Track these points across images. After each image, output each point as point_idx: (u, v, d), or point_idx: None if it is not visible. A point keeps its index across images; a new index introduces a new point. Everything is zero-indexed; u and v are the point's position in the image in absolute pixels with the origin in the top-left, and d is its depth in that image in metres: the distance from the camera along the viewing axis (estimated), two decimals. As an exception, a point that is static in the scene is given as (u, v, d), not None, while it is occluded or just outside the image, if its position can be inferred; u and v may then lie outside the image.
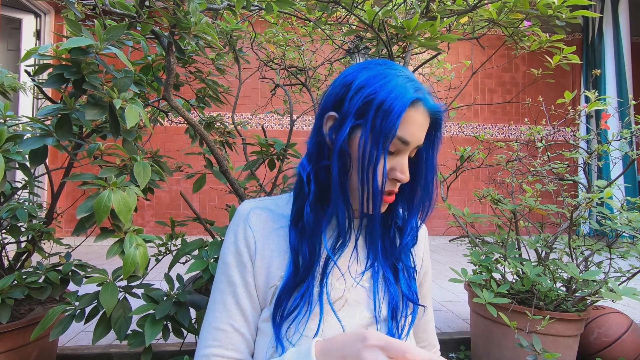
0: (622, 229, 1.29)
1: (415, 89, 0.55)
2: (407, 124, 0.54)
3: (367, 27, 1.10)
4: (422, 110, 0.55)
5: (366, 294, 0.61)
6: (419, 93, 0.55)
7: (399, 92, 0.54)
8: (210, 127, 1.53)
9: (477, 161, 1.74)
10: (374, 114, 0.53)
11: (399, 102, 0.53)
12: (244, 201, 0.68)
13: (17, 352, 1.14)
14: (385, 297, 0.61)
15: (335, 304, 0.59)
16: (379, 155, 0.54)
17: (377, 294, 0.60)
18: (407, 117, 0.54)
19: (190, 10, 0.87)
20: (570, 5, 0.98)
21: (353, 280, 0.61)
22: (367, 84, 0.55)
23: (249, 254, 0.61)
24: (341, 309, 0.59)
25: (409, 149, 0.56)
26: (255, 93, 4.30)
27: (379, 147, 0.53)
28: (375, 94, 0.54)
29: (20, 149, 0.87)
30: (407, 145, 0.55)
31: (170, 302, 1.02)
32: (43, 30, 3.91)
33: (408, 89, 0.54)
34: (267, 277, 0.59)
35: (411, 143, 0.55)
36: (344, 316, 0.58)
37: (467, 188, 4.71)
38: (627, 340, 1.47)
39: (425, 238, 0.73)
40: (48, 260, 1.37)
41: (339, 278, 0.60)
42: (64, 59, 0.80)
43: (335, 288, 0.60)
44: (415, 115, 0.55)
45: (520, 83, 4.90)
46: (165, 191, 3.83)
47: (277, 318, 0.56)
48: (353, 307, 0.59)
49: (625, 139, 1.47)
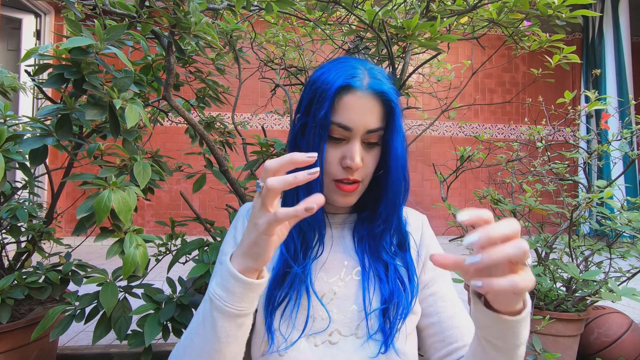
0: (622, 229, 1.29)
1: (349, 76, 0.56)
2: (343, 109, 0.56)
3: (367, 27, 1.10)
4: (359, 94, 0.56)
5: (357, 288, 0.61)
6: (352, 79, 0.55)
7: (330, 80, 0.56)
8: (210, 127, 1.53)
9: (477, 161, 1.74)
10: (314, 106, 0.57)
11: (329, 89, 0.55)
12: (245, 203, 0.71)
13: (17, 352, 1.14)
14: (377, 291, 0.61)
15: (324, 297, 0.60)
16: (321, 143, 0.56)
17: (366, 288, 0.60)
18: (342, 103, 0.56)
19: (190, 10, 0.87)
20: (570, 5, 0.98)
21: (343, 274, 0.62)
22: (314, 81, 0.59)
23: None
24: (330, 302, 0.60)
25: (354, 134, 0.56)
26: (255, 93, 4.30)
27: (318, 136, 0.56)
28: (316, 89, 0.57)
29: (20, 148, 0.87)
30: (349, 131, 0.56)
31: (174, 305, 1.02)
32: (43, 30, 3.91)
33: (340, 76, 0.56)
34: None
35: (354, 128, 0.56)
36: (332, 309, 0.60)
37: (467, 188, 4.71)
38: (627, 340, 1.47)
39: (422, 225, 0.70)
40: (48, 260, 1.37)
41: (328, 271, 0.62)
42: (64, 59, 0.80)
43: (323, 281, 0.61)
44: (351, 100, 0.56)
45: (520, 83, 4.90)
46: (165, 191, 3.83)
47: (269, 307, 0.58)
48: (342, 301, 0.60)
49: (625, 139, 1.47)
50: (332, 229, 0.66)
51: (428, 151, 4.74)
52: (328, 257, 0.63)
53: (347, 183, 0.58)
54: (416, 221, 0.70)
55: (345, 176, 0.57)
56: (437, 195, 4.68)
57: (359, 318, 0.59)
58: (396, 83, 1.25)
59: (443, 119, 4.42)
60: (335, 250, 0.64)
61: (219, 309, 0.47)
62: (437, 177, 1.75)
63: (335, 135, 0.57)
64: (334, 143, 0.58)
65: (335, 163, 0.58)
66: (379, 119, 0.57)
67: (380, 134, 0.58)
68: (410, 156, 3.57)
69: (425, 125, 4.45)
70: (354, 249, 0.64)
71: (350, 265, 0.63)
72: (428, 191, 4.74)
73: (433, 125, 4.73)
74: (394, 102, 0.57)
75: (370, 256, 0.62)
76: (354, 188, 0.59)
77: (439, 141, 4.78)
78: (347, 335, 0.58)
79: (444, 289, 0.65)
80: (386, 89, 0.57)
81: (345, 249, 0.64)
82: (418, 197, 4.64)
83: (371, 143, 0.59)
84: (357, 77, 0.56)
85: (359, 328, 0.59)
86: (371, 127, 0.56)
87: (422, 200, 4.64)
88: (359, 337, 0.58)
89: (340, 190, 0.58)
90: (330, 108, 0.55)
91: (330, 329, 0.58)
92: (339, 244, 0.65)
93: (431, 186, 4.74)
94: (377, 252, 0.62)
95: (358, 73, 0.56)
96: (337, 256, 0.63)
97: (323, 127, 0.56)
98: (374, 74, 0.58)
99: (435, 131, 4.79)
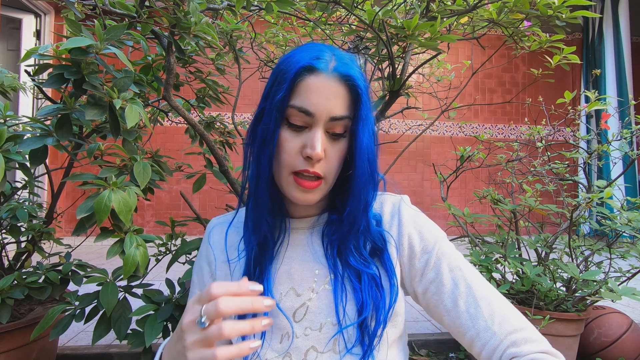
0: (622, 229, 1.29)
1: (312, 57, 0.51)
2: (304, 92, 0.50)
3: (367, 27, 1.10)
4: (323, 76, 0.50)
5: (330, 299, 0.55)
6: (316, 60, 0.50)
7: (293, 62, 0.51)
8: (210, 127, 1.53)
9: (477, 161, 1.74)
10: (273, 89, 0.52)
11: (289, 70, 0.51)
12: (212, 218, 0.68)
13: (17, 352, 1.14)
14: (351, 300, 0.54)
15: (296, 313, 0.55)
16: (275, 128, 0.51)
17: (339, 299, 0.54)
18: (303, 85, 0.50)
19: (190, 10, 0.87)
20: (570, 5, 0.98)
21: (315, 285, 0.56)
22: (277, 65, 0.54)
23: (210, 271, 0.63)
24: (303, 318, 0.55)
25: (317, 121, 0.51)
26: (255, 93, 4.30)
27: (274, 121, 0.51)
28: (278, 72, 0.53)
29: (20, 149, 0.87)
30: (311, 117, 0.50)
31: (172, 305, 1.02)
32: (43, 30, 3.91)
33: (304, 58, 0.51)
34: None
35: (316, 113, 0.50)
36: (306, 325, 0.55)
37: (467, 188, 4.71)
38: (627, 340, 1.47)
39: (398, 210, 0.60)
40: (48, 260, 1.37)
41: (298, 284, 0.57)
42: (64, 59, 0.80)
43: (295, 295, 0.56)
44: (314, 82, 0.50)
45: (520, 83, 4.90)
46: (165, 191, 3.83)
47: None
48: (315, 315, 0.55)
49: (625, 139, 1.47)
50: (298, 236, 0.60)
51: (428, 151, 4.73)
52: (297, 268, 0.57)
53: (307, 178, 0.52)
54: (393, 208, 0.60)
55: (305, 167, 0.51)
56: (437, 195, 4.68)
57: (335, 332, 0.54)
58: (396, 82, 1.25)
59: (443, 119, 4.42)
60: (305, 258, 0.58)
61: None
62: (437, 177, 1.75)
63: (295, 122, 0.51)
64: (294, 131, 0.52)
65: (294, 153, 0.52)
66: (345, 107, 0.51)
67: (346, 124, 0.52)
68: (410, 156, 3.59)
69: (425, 125, 4.45)
70: (324, 254, 0.58)
71: (321, 273, 0.57)
72: (428, 191, 4.74)
73: (433, 125, 4.73)
74: (361, 88, 0.52)
75: (342, 262, 0.56)
76: (315, 185, 0.52)
77: (439, 141, 4.78)
78: (324, 352, 0.53)
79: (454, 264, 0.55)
80: (353, 74, 0.51)
81: (315, 256, 0.58)
82: (418, 197, 4.64)
83: (336, 134, 0.52)
84: (322, 59, 0.51)
85: (336, 343, 0.53)
86: (335, 114, 0.51)
87: (422, 200, 4.64)
88: (337, 352, 0.53)
89: (299, 185, 0.52)
90: (288, 90, 0.50)
91: (306, 346, 0.54)
92: (307, 251, 0.59)
93: (431, 186, 4.73)
94: (347, 255, 0.55)
95: (324, 55, 0.52)
96: (306, 265, 0.57)
97: (279, 111, 0.50)
98: (341, 58, 0.52)
99: (435, 131, 4.79)
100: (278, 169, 0.54)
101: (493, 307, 0.50)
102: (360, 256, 0.56)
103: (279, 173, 0.54)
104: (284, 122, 0.53)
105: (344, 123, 0.52)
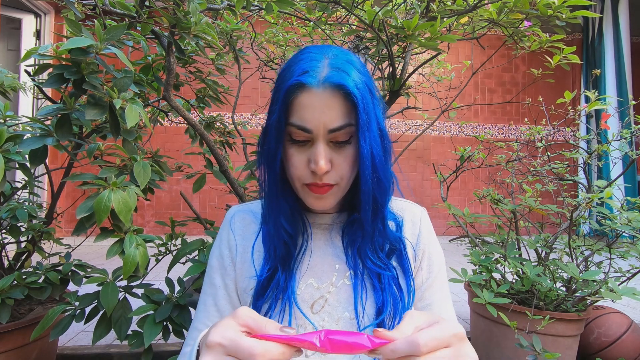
0: (622, 229, 1.29)
1: (301, 72, 0.50)
2: (298, 109, 0.50)
3: (367, 27, 1.10)
4: (313, 92, 0.49)
5: (349, 294, 0.57)
6: (304, 75, 0.49)
7: (284, 79, 0.51)
8: (210, 127, 1.53)
9: (477, 161, 1.74)
10: (271, 108, 0.53)
11: (281, 89, 0.51)
12: (233, 206, 0.69)
13: (17, 352, 1.14)
14: (370, 297, 0.56)
15: (315, 305, 0.57)
16: (277, 147, 0.52)
17: (358, 293, 0.56)
18: (296, 103, 0.50)
19: (190, 10, 0.87)
20: (570, 6, 0.98)
21: (335, 279, 0.58)
22: (277, 78, 0.55)
23: (231, 256, 0.62)
24: (321, 310, 0.56)
25: (316, 135, 0.51)
26: (255, 93, 4.30)
27: (275, 140, 0.52)
28: (274, 89, 0.54)
29: (20, 149, 0.87)
30: (309, 133, 0.50)
31: (171, 305, 1.02)
32: (43, 30, 3.91)
33: (294, 73, 0.50)
34: (248, 279, 0.60)
35: (313, 129, 0.50)
36: (324, 317, 0.56)
37: (467, 188, 4.71)
38: (627, 340, 1.47)
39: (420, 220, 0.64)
40: (48, 260, 1.37)
41: (318, 276, 0.58)
42: (64, 59, 0.80)
43: (314, 287, 0.58)
44: (305, 99, 0.50)
45: (520, 83, 4.90)
46: (165, 191, 3.83)
47: None
48: (334, 308, 0.56)
49: (625, 139, 1.47)
50: (320, 231, 0.62)
51: (428, 151, 4.74)
52: (318, 261, 0.59)
53: (319, 186, 0.53)
54: (414, 217, 0.64)
55: (313, 181, 0.52)
56: (437, 195, 4.68)
57: (352, 326, 0.55)
58: (396, 82, 1.25)
59: (443, 119, 4.42)
60: (325, 253, 0.60)
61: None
62: (437, 177, 1.75)
63: (297, 138, 0.52)
64: (298, 146, 0.53)
65: (302, 167, 0.53)
66: (342, 116, 0.50)
67: (349, 131, 0.51)
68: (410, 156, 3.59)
69: (425, 125, 4.45)
70: (344, 251, 0.60)
71: (341, 269, 0.59)
72: (428, 191, 4.74)
73: (433, 125, 4.73)
74: (356, 96, 0.49)
75: (361, 261, 0.58)
76: (327, 190, 0.53)
77: (439, 141, 4.78)
78: None
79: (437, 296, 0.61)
80: (345, 82, 0.49)
81: (335, 251, 0.60)
82: (418, 197, 4.64)
83: (340, 142, 0.52)
84: (312, 72, 0.50)
85: None
86: (333, 126, 0.50)
87: (422, 200, 4.64)
88: None
89: (312, 192, 0.54)
90: (282, 111, 0.50)
91: None
92: (328, 246, 0.60)
93: (431, 186, 4.74)
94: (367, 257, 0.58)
95: (315, 67, 0.50)
96: (327, 260, 0.59)
97: (278, 130, 0.51)
98: (335, 64, 0.50)
99: (435, 131, 4.79)
100: (291, 180, 0.56)
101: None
102: (378, 259, 0.57)
103: (292, 183, 0.56)
104: (286, 137, 0.53)
105: (345, 131, 0.51)
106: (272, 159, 0.53)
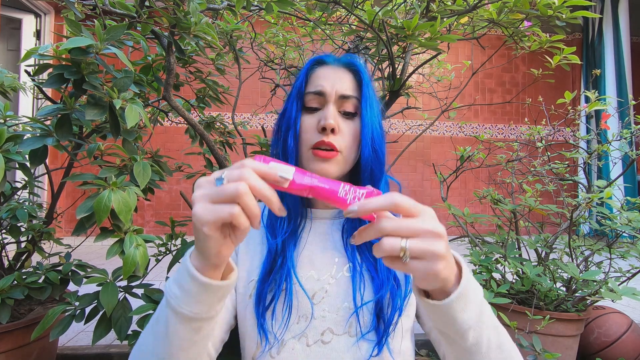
0: (622, 229, 1.29)
1: (322, 54, 0.65)
2: (315, 79, 0.62)
3: (367, 27, 1.10)
4: (330, 66, 0.64)
5: (348, 285, 0.59)
6: (324, 55, 0.65)
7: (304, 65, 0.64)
8: (210, 127, 1.53)
9: (477, 161, 1.74)
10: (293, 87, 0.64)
11: (304, 67, 0.64)
12: None
13: (17, 352, 1.14)
14: (368, 288, 0.59)
15: (315, 296, 0.59)
16: (297, 112, 0.61)
17: (357, 284, 0.58)
18: (314, 75, 0.63)
19: (190, 10, 0.87)
20: (570, 6, 0.98)
21: (334, 271, 0.61)
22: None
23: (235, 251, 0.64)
24: (321, 300, 0.59)
25: (328, 99, 0.60)
26: (255, 93, 4.30)
27: (296, 107, 0.61)
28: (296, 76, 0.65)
29: (20, 149, 0.87)
30: (322, 96, 0.60)
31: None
32: (43, 30, 3.91)
33: (314, 57, 0.65)
34: (248, 272, 0.62)
35: (326, 92, 0.60)
36: (324, 307, 0.58)
37: (467, 188, 4.71)
38: (627, 340, 1.47)
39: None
40: (48, 260, 1.37)
41: (318, 269, 0.61)
42: (64, 59, 0.80)
43: (314, 279, 0.60)
44: (322, 71, 0.63)
45: (520, 83, 4.90)
46: (165, 191, 3.83)
47: (260, 306, 0.57)
48: (334, 299, 0.59)
49: (625, 139, 1.47)
50: (321, 225, 0.65)
51: (428, 151, 4.73)
52: (318, 254, 0.62)
53: (324, 149, 0.59)
54: None
55: (320, 139, 0.58)
56: (437, 195, 4.68)
57: (351, 316, 0.58)
58: (396, 82, 1.25)
59: (443, 119, 4.42)
60: (325, 246, 0.63)
61: (172, 308, 0.42)
62: (437, 177, 1.75)
63: (311, 105, 0.61)
64: (310, 113, 0.61)
65: (311, 130, 0.60)
66: (352, 88, 0.62)
67: (355, 105, 0.61)
68: (410, 156, 3.59)
69: (425, 125, 4.45)
70: (343, 245, 0.63)
71: (341, 262, 0.61)
72: (428, 191, 4.74)
73: (433, 125, 4.73)
74: (363, 72, 0.62)
75: (360, 254, 0.61)
76: (331, 155, 0.59)
77: (439, 141, 4.78)
78: (340, 334, 0.57)
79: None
80: (355, 61, 0.63)
81: (334, 245, 0.63)
82: (418, 197, 4.64)
83: (348, 113, 0.61)
84: (329, 56, 0.65)
85: (351, 326, 0.57)
86: (344, 92, 0.60)
87: (422, 200, 4.62)
88: (352, 336, 0.57)
89: (316, 156, 0.59)
90: (304, 80, 0.62)
91: (323, 327, 0.57)
92: (328, 240, 0.64)
93: (431, 186, 4.73)
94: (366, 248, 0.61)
95: (331, 56, 0.65)
96: (327, 253, 0.62)
97: (298, 97, 0.61)
98: (345, 56, 0.66)
99: (435, 131, 4.79)
100: (300, 150, 0.61)
101: None
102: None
103: (301, 154, 0.61)
104: (303, 109, 0.62)
105: (353, 102, 0.61)
106: (293, 123, 0.60)
